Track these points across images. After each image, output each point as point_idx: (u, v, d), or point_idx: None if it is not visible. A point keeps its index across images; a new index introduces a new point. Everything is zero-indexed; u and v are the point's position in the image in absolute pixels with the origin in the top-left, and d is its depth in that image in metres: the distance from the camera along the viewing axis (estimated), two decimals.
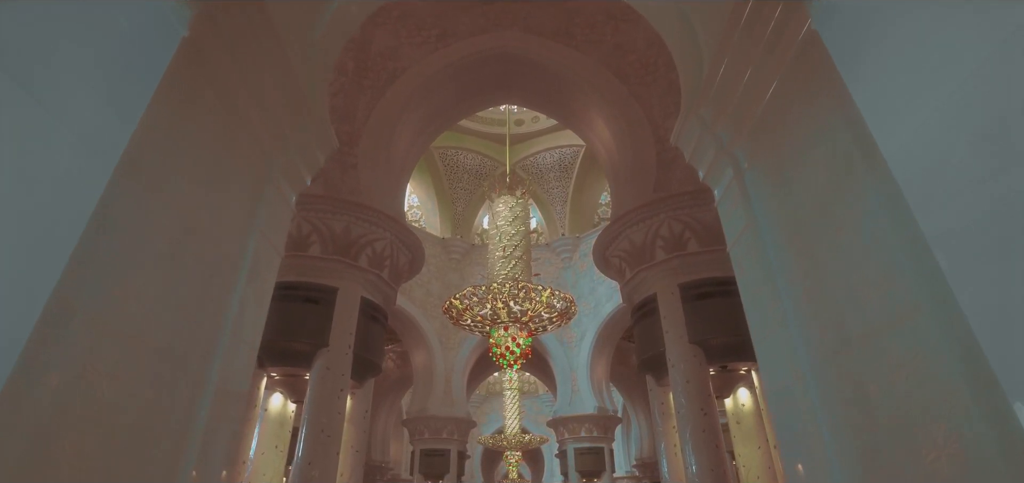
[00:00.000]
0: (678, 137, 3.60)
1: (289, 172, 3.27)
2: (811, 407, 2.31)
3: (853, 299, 2.06)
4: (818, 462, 2.25)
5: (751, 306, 2.91)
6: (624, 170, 8.20)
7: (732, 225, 3.11)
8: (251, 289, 2.78)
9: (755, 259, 2.83)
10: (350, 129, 8.14)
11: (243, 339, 2.70)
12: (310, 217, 6.81)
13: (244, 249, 2.79)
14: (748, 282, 2.95)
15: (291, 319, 6.38)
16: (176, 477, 2.13)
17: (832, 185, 2.20)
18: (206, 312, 2.45)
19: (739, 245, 3.01)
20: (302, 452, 5.71)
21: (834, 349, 2.18)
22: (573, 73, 9.10)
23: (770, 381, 2.68)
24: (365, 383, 7.14)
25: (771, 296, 2.67)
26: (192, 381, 2.32)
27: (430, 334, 17.07)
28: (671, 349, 6.36)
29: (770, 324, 2.68)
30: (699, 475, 5.62)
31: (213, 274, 2.51)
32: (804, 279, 2.42)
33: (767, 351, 2.72)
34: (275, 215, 3.10)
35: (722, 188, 3.21)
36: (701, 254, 6.63)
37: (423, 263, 8.25)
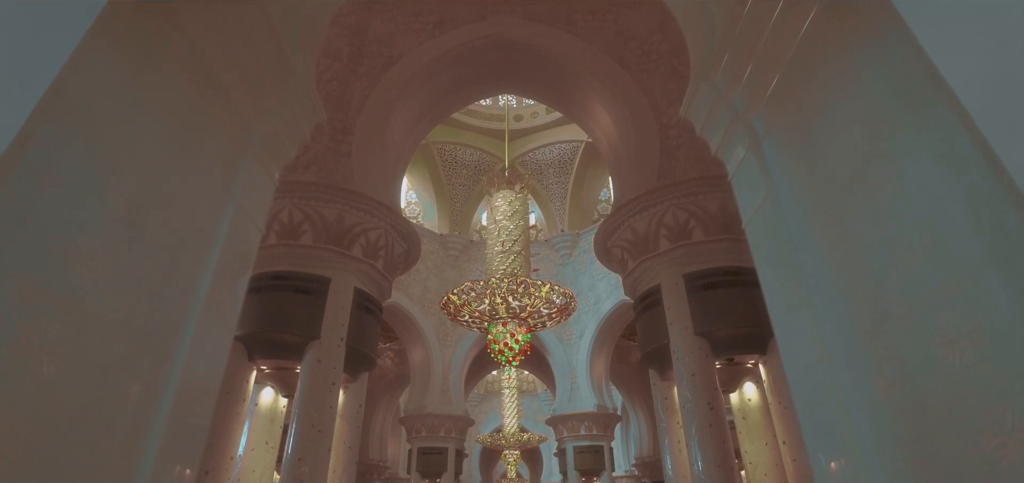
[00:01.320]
0: (688, 109, 3.37)
1: (271, 144, 3.03)
2: (842, 393, 2.09)
3: (894, 268, 1.83)
4: (852, 453, 2.02)
5: (770, 285, 2.68)
6: (626, 158, 7.97)
7: (748, 199, 2.89)
8: (227, 265, 2.55)
9: (775, 233, 2.61)
10: (344, 116, 7.91)
11: (217, 318, 2.47)
12: (302, 204, 6.58)
13: (218, 222, 2.55)
14: (767, 259, 2.72)
15: (281, 310, 6.15)
16: (132, 472, 1.90)
17: (869, 141, 1.97)
18: (173, 286, 2.22)
19: (756, 220, 2.78)
20: (292, 448, 5.47)
21: (871, 326, 1.95)
22: (574, 60, 8.87)
23: (794, 366, 2.46)
24: (359, 377, 6.90)
25: (793, 272, 2.45)
26: (155, 362, 2.08)
27: (428, 331, 16.86)
28: (676, 341, 6.13)
29: (793, 303, 2.45)
30: (705, 471, 5.39)
31: (181, 245, 2.28)
32: (833, 251, 2.19)
33: (789, 333, 2.49)
34: (255, 188, 2.87)
35: (737, 160, 2.98)
36: (707, 243, 6.41)
37: (419, 254, 8.02)
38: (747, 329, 6.03)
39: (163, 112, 2.22)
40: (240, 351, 6.14)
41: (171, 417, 2.08)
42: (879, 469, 1.89)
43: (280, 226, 6.55)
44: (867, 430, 1.96)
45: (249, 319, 6.14)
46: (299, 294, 6.23)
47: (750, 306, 6.10)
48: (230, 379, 5.97)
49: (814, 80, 2.33)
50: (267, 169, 3.00)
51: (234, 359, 6.08)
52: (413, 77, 8.69)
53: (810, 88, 2.38)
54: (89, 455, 1.75)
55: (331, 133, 7.61)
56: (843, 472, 2.06)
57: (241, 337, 6.11)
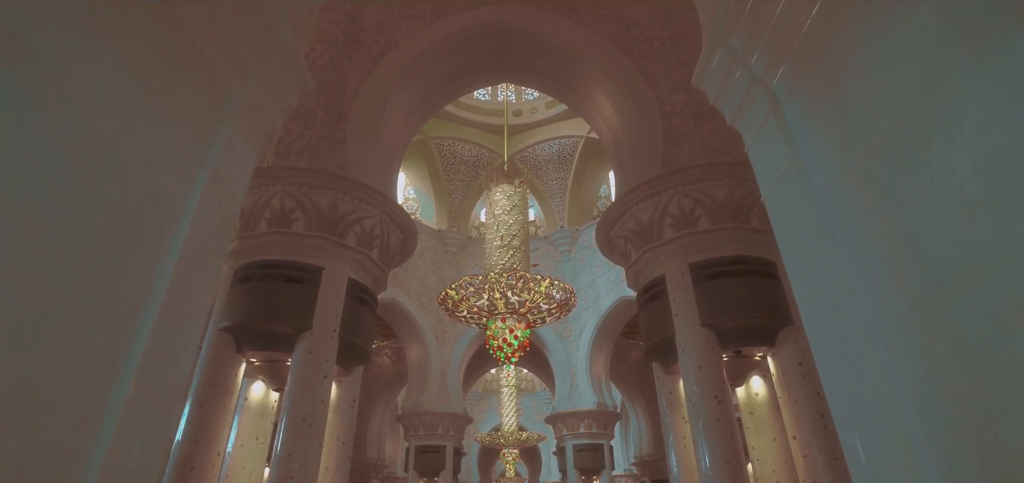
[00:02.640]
0: (701, 76, 3.15)
1: (252, 110, 2.80)
2: (883, 373, 1.86)
3: (951, 229, 1.60)
4: (895, 439, 1.79)
5: (795, 260, 2.45)
6: (629, 146, 7.75)
7: (769, 170, 2.66)
8: (200, 236, 2.31)
9: (800, 204, 2.38)
10: (339, 103, 7.67)
11: (187, 295, 2.23)
12: (294, 191, 6.34)
13: (190, 188, 2.32)
14: (790, 233, 2.49)
15: (272, 300, 5.91)
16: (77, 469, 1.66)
17: (915, 90, 1.75)
18: (135, 256, 1.99)
19: (779, 190, 2.55)
20: (281, 443, 5.24)
21: (919, 297, 1.72)
22: (575, 47, 8.65)
23: (824, 347, 2.23)
24: (353, 371, 6.66)
25: (823, 244, 2.22)
26: (110, 340, 1.85)
27: (425, 328, 16.66)
28: (681, 333, 5.91)
29: (822, 278, 2.22)
30: (713, 468, 5.17)
31: (144, 210, 2.04)
32: (871, 217, 1.96)
33: (818, 311, 2.26)
34: (233, 156, 2.63)
35: (755, 128, 2.75)
36: (713, 231, 6.19)
37: (416, 245, 7.78)
38: (755, 320, 5.81)
39: (126, 63, 1.99)
40: (228, 342, 5.90)
41: (128, 405, 1.85)
42: (929, 456, 1.67)
43: (271, 213, 6.32)
44: (913, 413, 1.74)
45: (238, 309, 5.92)
46: (290, 284, 6.00)
47: (759, 296, 5.90)
48: (217, 371, 5.75)
49: (846, 31, 2.11)
50: (248, 137, 2.76)
51: (222, 351, 5.85)
52: (410, 64, 8.47)
53: (841, 41, 2.15)
54: (21, 447, 1.51)
55: (325, 119, 7.37)
56: (885, 461, 1.83)
57: (229, 328, 5.88)
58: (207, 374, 5.66)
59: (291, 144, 7.09)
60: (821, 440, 5.27)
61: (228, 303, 5.99)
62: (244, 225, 6.38)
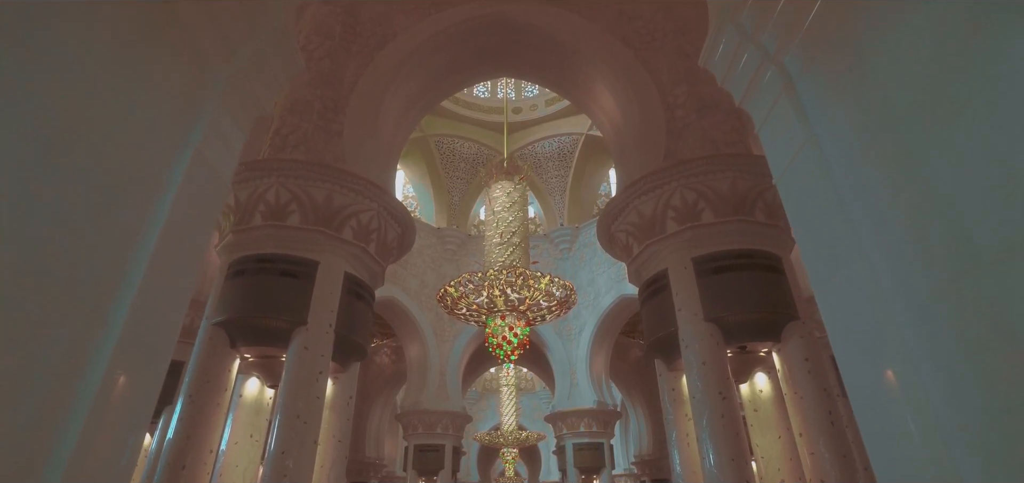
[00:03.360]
0: (709, 56, 3.02)
1: (240, 90, 2.67)
2: (909, 361, 1.74)
3: (987, 203, 1.48)
4: (925, 433, 1.67)
5: (811, 243, 2.33)
6: (630, 139, 7.62)
7: (781, 149, 2.53)
8: (181, 217, 2.18)
9: (816, 183, 2.26)
10: (336, 95, 7.55)
11: (167, 279, 2.10)
12: (289, 184, 6.21)
13: (171, 167, 2.19)
14: (806, 214, 2.37)
15: (266, 294, 5.78)
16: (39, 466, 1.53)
17: (944, 55, 1.62)
18: (109, 235, 1.86)
19: (792, 171, 2.43)
20: (275, 440, 5.10)
21: (952, 276, 1.60)
22: (575, 40, 8.53)
23: (843, 336, 2.10)
24: (349, 367, 6.53)
25: (840, 225, 2.10)
26: (82, 325, 1.72)
27: (424, 326, 16.54)
28: (684, 328, 5.79)
29: (840, 261, 2.10)
30: (718, 466, 5.04)
31: (121, 186, 1.92)
32: (894, 194, 1.84)
33: (837, 297, 2.14)
34: (219, 136, 2.51)
35: (767, 108, 2.63)
36: (717, 225, 6.06)
37: (414, 240, 7.65)
38: (760, 315, 5.69)
39: (99, 28, 1.86)
40: (222, 338, 5.77)
41: (98, 400, 1.72)
42: (963, 450, 1.54)
43: (266, 206, 6.19)
44: (944, 403, 1.61)
45: (231, 304, 5.79)
46: (285, 278, 5.87)
47: (764, 290, 5.78)
48: (210, 367, 5.62)
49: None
50: (235, 118, 2.64)
51: (215, 346, 5.73)
52: (408, 57, 8.34)
53: (859, 10, 2.03)
54: None
55: (322, 111, 7.24)
56: (914, 457, 1.70)
57: (222, 323, 5.75)
58: (199, 370, 5.53)
59: (287, 137, 6.96)
60: (828, 437, 5.14)
61: (221, 298, 5.86)
62: (238, 218, 6.25)
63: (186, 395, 5.40)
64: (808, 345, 5.64)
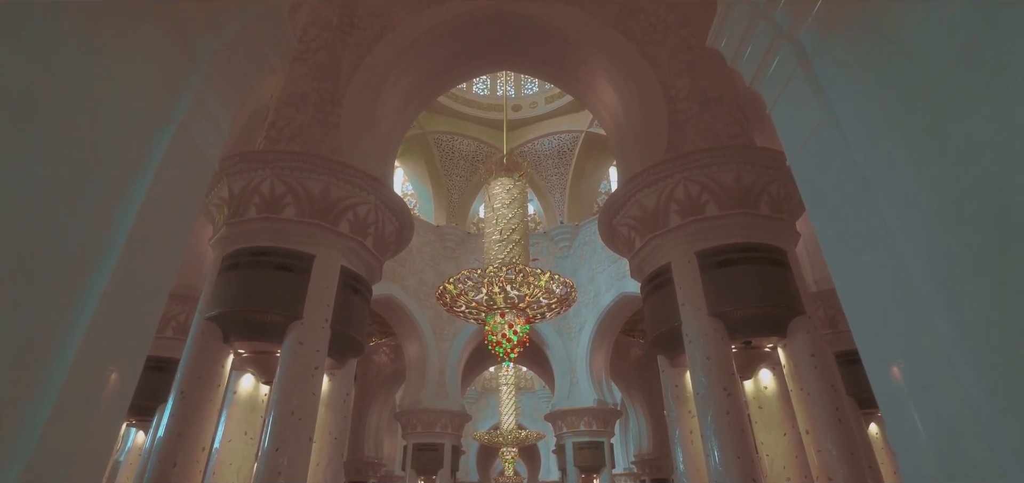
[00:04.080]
0: (718, 35, 2.90)
1: (227, 67, 2.54)
2: (942, 348, 1.61)
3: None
4: (961, 425, 1.54)
5: (829, 225, 2.20)
6: (632, 133, 7.50)
7: (796, 128, 2.41)
8: (161, 198, 2.06)
9: (834, 162, 2.13)
10: (333, 87, 7.42)
11: (144, 263, 1.98)
12: (284, 176, 6.08)
13: (151, 144, 2.07)
14: (823, 195, 2.24)
15: (261, 288, 5.65)
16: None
17: (983, 14, 1.50)
18: (80, 213, 1.73)
19: (808, 151, 2.30)
20: (269, 437, 4.97)
21: (990, 253, 1.48)
22: (576, 33, 8.40)
23: (865, 322, 1.98)
24: (346, 363, 6.40)
25: (862, 205, 1.97)
26: (46, 310, 1.59)
27: (423, 324, 16.42)
28: (688, 323, 5.66)
29: (862, 243, 1.97)
30: (723, 464, 4.92)
31: (94, 162, 1.79)
32: (921, 167, 1.72)
33: (858, 281, 2.01)
34: (205, 114, 2.38)
35: (780, 86, 2.51)
36: (721, 218, 5.94)
37: (412, 234, 7.52)
38: (766, 309, 5.56)
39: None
40: (215, 333, 5.64)
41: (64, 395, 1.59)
42: (1004, 444, 1.41)
43: (260, 199, 6.06)
44: (982, 392, 1.49)
45: (225, 298, 5.66)
46: (280, 271, 5.74)
47: (769, 284, 5.66)
48: (203, 363, 5.49)
49: None
50: (222, 95, 2.51)
51: (208, 341, 5.60)
52: (407, 49, 8.21)
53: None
54: None
55: (318, 103, 7.12)
56: (949, 452, 1.58)
57: (216, 317, 5.62)
58: (192, 365, 5.41)
59: (282, 129, 6.83)
60: (836, 434, 5.03)
61: (215, 291, 5.73)
62: (232, 211, 6.12)
63: (178, 391, 5.27)
64: (814, 341, 5.52)
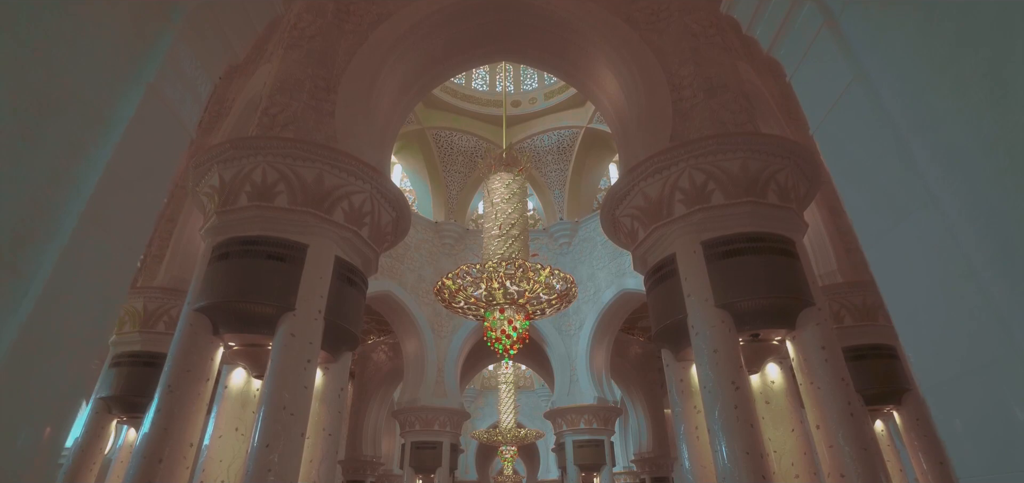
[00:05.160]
0: (732, 0, 2.71)
1: (204, 28, 2.35)
2: (1002, 327, 1.43)
3: None
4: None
5: (860, 195, 2.01)
6: (634, 122, 7.31)
7: (821, 93, 2.22)
8: (128, 162, 1.87)
9: (867, 125, 1.94)
10: (328, 74, 7.23)
11: (106, 231, 1.78)
12: (276, 163, 5.88)
13: (116, 102, 1.87)
14: (856, 160, 2.05)
15: (252, 278, 5.45)
16: None
17: None
18: (31, 169, 1.54)
19: (837, 115, 2.11)
20: (259, 432, 4.77)
21: None
22: (577, 20, 8.21)
23: (905, 302, 1.78)
24: (341, 357, 6.20)
25: (901, 167, 1.79)
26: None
27: (422, 321, 16.24)
28: (694, 315, 5.48)
29: (901, 212, 1.79)
30: (731, 460, 4.73)
31: (48, 115, 1.59)
32: (976, 122, 1.53)
33: (896, 253, 1.82)
34: (180, 76, 2.18)
35: (803, 48, 2.32)
36: (728, 206, 5.76)
37: (409, 225, 7.33)
38: (775, 300, 5.38)
39: None
40: (204, 324, 5.44)
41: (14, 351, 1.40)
42: None
43: (252, 187, 5.86)
44: None
45: (214, 288, 5.46)
46: (272, 261, 5.54)
47: (777, 275, 5.48)
48: (191, 355, 5.30)
49: None
50: (198, 56, 2.31)
51: (197, 333, 5.40)
52: (404, 36, 8.02)
53: None
54: None
55: (313, 91, 6.92)
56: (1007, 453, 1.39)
57: (205, 308, 5.42)
58: (180, 358, 5.21)
59: (275, 116, 6.64)
60: (848, 429, 4.85)
61: (204, 282, 5.53)
62: (223, 199, 5.93)
63: (165, 385, 5.08)
64: (825, 333, 5.35)
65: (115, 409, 8.42)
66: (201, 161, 6.15)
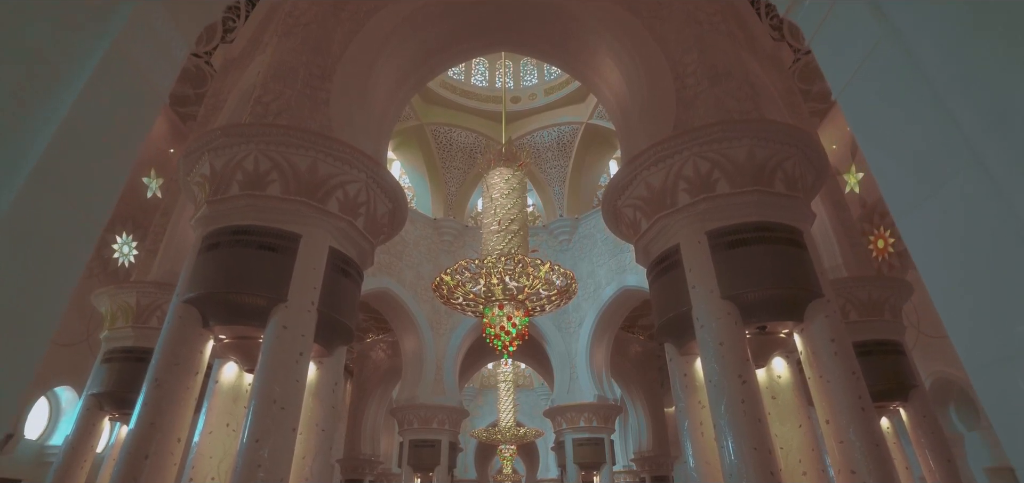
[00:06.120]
0: None
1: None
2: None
3: None
4: None
5: (894, 157, 1.84)
6: (637, 111, 7.14)
7: (846, 54, 2.05)
8: (86, 123, 1.69)
9: (900, 81, 1.77)
10: (323, 62, 7.05)
11: (61, 195, 1.61)
12: (269, 151, 5.71)
13: (74, 58, 1.70)
14: (885, 124, 1.88)
15: (243, 268, 5.28)
16: None
17: None
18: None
19: (865, 74, 1.94)
20: (249, 427, 4.60)
21: None
22: (578, 8, 8.04)
23: (948, 274, 1.62)
24: (335, 351, 6.03)
25: (940, 126, 1.62)
26: None
27: (420, 319, 16.09)
28: (699, 307, 5.31)
29: (942, 172, 1.62)
30: (738, 456, 4.56)
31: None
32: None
33: (935, 220, 1.65)
34: (147, 33, 2.01)
35: (824, 8, 2.15)
36: (733, 195, 5.58)
37: (406, 217, 7.15)
38: (782, 291, 5.21)
39: None
40: (193, 316, 5.27)
41: None
42: None
43: (244, 175, 5.69)
44: None
45: (204, 279, 5.29)
46: (264, 251, 5.37)
47: (784, 265, 5.31)
48: (179, 348, 5.13)
49: None
50: (173, 14, 2.14)
51: (185, 325, 5.23)
52: (402, 23, 7.84)
53: None
54: None
55: (307, 78, 6.74)
56: None
57: (194, 299, 5.25)
58: (167, 350, 5.04)
59: (269, 104, 6.46)
60: (859, 424, 4.68)
61: (193, 272, 5.36)
62: (214, 188, 5.75)
63: (151, 379, 4.91)
64: (834, 325, 5.18)
65: (107, 406, 8.24)
66: (192, 149, 5.97)
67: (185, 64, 11.33)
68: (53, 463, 8.34)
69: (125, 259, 10.73)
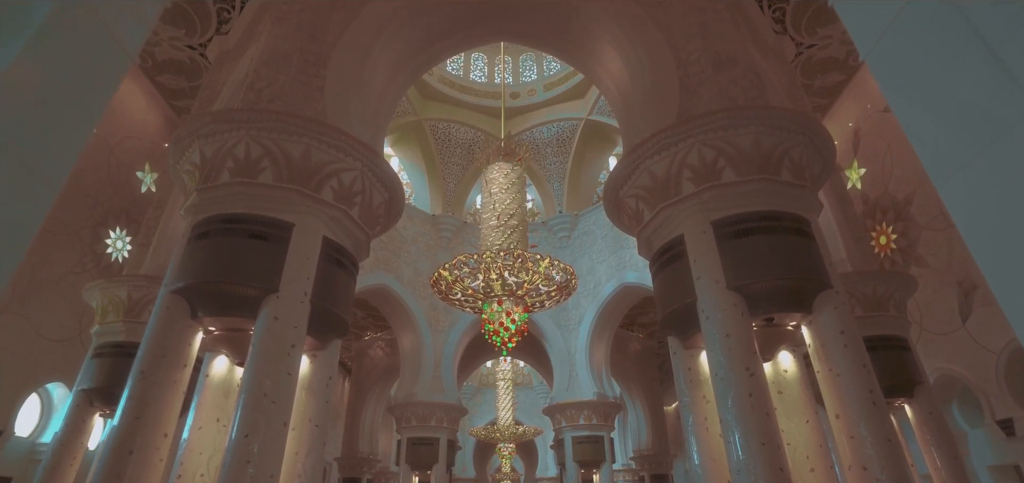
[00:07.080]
0: None
1: None
2: None
3: None
4: None
5: (936, 117, 1.67)
6: (639, 98, 6.97)
7: (876, 10, 1.88)
8: (35, 72, 1.52)
9: (941, 33, 1.60)
10: (318, 48, 6.87)
11: (10, 152, 1.44)
12: (261, 138, 5.52)
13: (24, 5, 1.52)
14: (924, 82, 1.71)
15: (233, 257, 5.09)
16: None
17: None
18: None
19: (898, 30, 1.77)
20: (239, 421, 4.42)
21: None
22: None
23: (1001, 241, 1.45)
24: (329, 344, 5.85)
25: (991, 78, 1.45)
26: None
27: (419, 316, 15.92)
28: (704, 298, 5.14)
29: (991, 129, 1.45)
30: (746, 452, 4.39)
31: None
32: None
33: (988, 186, 1.48)
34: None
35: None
36: (739, 184, 5.42)
37: (403, 207, 6.97)
38: (790, 281, 5.05)
39: None
40: (181, 307, 5.09)
41: None
42: None
43: (235, 162, 5.51)
44: None
45: (193, 268, 5.11)
46: (255, 240, 5.19)
47: (792, 256, 5.15)
48: (166, 339, 4.94)
49: None
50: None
51: (173, 316, 5.05)
52: (399, 10, 7.66)
53: None
54: None
55: (301, 65, 6.56)
56: None
57: (182, 290, 5.06)
58: (154, 342, 4.86)
59: (261, 91, 6.27)
60: (870, 419, 4.51)
61: (182, 262, 5.18)
62: (204, 176, 5.57)
63: (137, 371, 4.72)
64: (843, 316, 5.01)
65: (97, 402, 8.05)
66: (181, 136, 5.79)
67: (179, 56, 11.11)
68: (42, 460, 8.16)
69: (119, 254, 10.53)
